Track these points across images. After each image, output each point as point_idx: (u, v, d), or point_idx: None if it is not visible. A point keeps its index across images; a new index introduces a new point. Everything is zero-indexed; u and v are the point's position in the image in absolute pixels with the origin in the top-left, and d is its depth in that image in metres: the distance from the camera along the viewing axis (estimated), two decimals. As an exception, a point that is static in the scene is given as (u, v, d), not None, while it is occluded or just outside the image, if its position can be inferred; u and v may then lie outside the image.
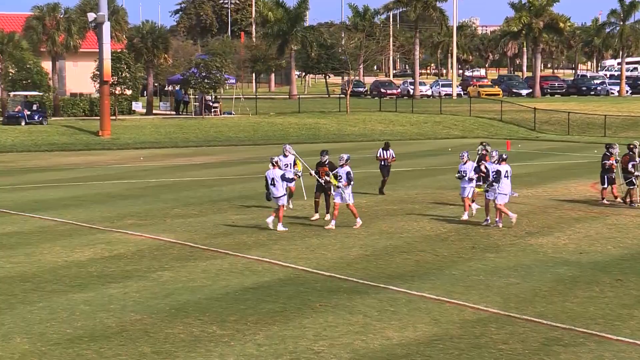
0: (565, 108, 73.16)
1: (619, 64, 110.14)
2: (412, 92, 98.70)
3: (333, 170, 25.50)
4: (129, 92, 69.67)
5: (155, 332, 15.23)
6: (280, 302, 17.11)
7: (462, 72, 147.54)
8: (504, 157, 25.36)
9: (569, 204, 29.89)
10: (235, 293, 17.86)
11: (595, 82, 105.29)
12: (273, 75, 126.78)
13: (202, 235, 24.28)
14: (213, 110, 72.58)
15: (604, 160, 29.61)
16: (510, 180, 25.31)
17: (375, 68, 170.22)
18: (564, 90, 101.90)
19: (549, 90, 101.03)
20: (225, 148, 56.55)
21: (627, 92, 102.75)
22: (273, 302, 17.11)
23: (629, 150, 29.34)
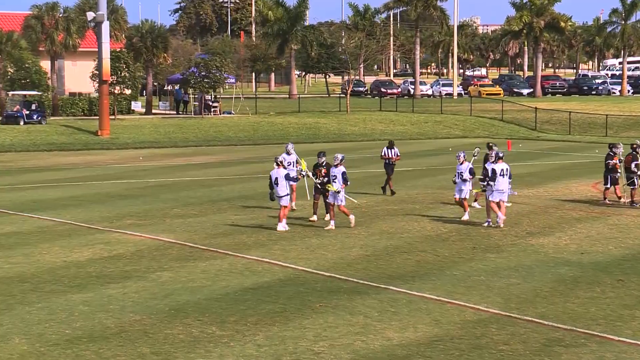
0: (567, 108, 73.14)
1: (621, 64, 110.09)
2: (412, 91, 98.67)
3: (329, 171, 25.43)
4: (128, 91, 69.58)
5: (155, 332, 15.19)
6: (280, 302, 17.06)
7: (462, 71, 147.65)
8: (500, 155, 25.34)
9: (570, 204, 29.84)
10: (235, 293, 17.81)
11: (597, 81, 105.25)
12: (273, 75, 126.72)
13: (201, 236, 24.23)
14: (212, 110, 72.52)
15: (608, 160, 29.55)
16: (509, 178, 25.26)
17: (376, 67, 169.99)
18: (565, 90, 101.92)
19: (550, 90, 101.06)
20: (225, 148, 56.49)
21: (628, 91, 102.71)
22: (273, 302, 17.07)
23: (632, 150, 29.27)
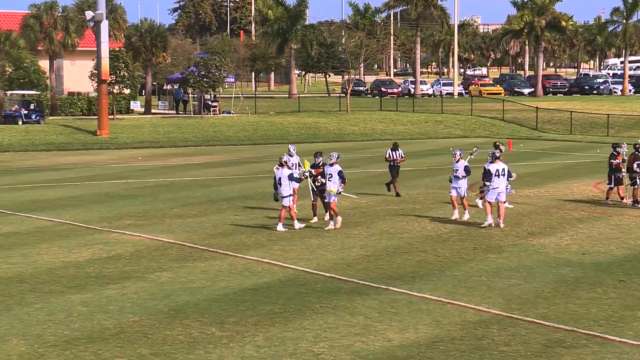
0: (568, 107, 73.11)
1: (622, 63, 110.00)
2: (413, 91, 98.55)
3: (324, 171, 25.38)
4: (127, 91, 69.55)
5: (154, 333, 15.13)
6: (280, 303, 17.01)
7: (463, 71, 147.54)
8: (497, 155, 25.23)
9: (572, 204, 29.76)
10: (235, 294, 17.76)
11: (598, 81, 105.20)
12: (273, 74, 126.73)
13: (201, 236, 24.16)
14: (212, 110, 72.46)
15: (611, 160, 29.48)
16: (508, 178, 25.15)
17: (376, 67, 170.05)
18: (567, 89, 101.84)
19: (552, 89, 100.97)
20: (225, 148, 56.45)
21: (630, 91, 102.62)
22: (273, 303, 17.01)
23: (635, 150, 29.21)
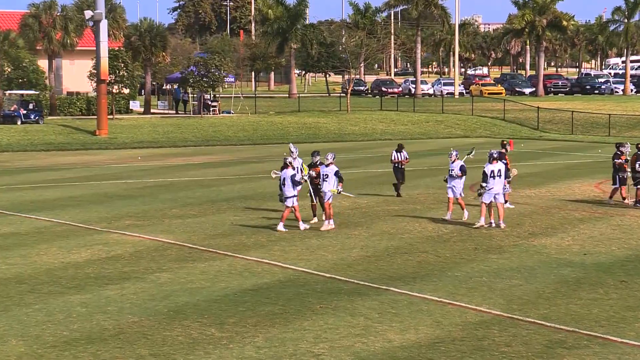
0: (569, 107, 73.09)
1: (624, 62, 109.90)
2: (413, 90, 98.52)
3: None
4: (127, 90, 69.52)
5: (153, 334, 15.09)
6: (280, 304, 16.96)
7: (464, 70, 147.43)
8: (494, 156, 25.14)
9: (573, 204, 29.70)
10: (235, 295, 17.71)
11: (600, 80, 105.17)
12: (272, 74, 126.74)
13: (200, 236, 24.11)
14: (212, 109, 72.41)
15: (615, 159, 29.43)
16: (505, 178, 25.02)
17: (376, 66, 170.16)
18: (568, 89, 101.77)
19: (553, 89, 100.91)
20: (224, 148, 56.41)
21: (631, 90, 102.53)
22: (273, 304, 16.97)
23: (638, 150, 29.17)
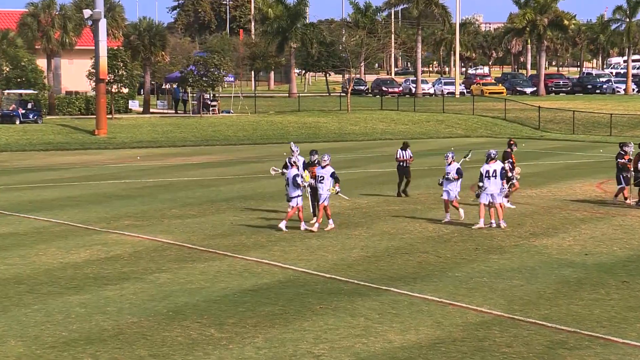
0: (570, 106, 73.03)
1: (625, 62, 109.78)
2: (414, 90, 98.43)
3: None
4: (126, 90, 69.54)
5: (152, 335, 15.05)
6: (280, 304, 16.92)
7: (465, 69, 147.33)
8: (492, 156, 25.05)
9: (574, 205, 29.64)
10: (234, 295, 17.67)
11: (601, 80, 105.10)
12: (272, 73, 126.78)
13: (200, 236, 24.07)
14: (211, 109, 72.35)
15: (618, 159, 29.37)
16: (502, 179, 24.87)
17: (377, 66, 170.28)
18: (569, 89, 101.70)
19: (554, 89, 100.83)
20: (224, 147, 56.37)
21: (633, 90, 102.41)
22: (272, 304, 16.92)
23: None
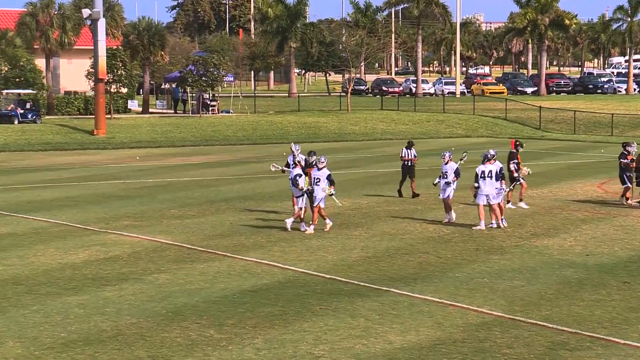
0: (572, 106, 73.01)
1: (627, 61, 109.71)
2: (414, 90, 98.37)
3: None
4: (125, 90, 69.48)
5: (152, 336, 15.02)
6: (280, 305, 16.87)
7: (465, 69, 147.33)
8: (489, 156, 24.96)
9: (575, 205, 29.61)
10: (234, 296, 17.63)
11: (602, 79, 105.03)
12: (272, 73, 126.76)
13: (199, 237, 24.03)
14: (211, 109, 72.31)
15: (621, 159, 29.35)
16: (497, 180, 24.71)
17: (377, 65, 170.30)
18: (570, 88, 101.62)
19: (555, 88, 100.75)
20: (223, 147, 56.34)
21: (634, 90, 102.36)
22: (272, 305, 16.88)
23: None
